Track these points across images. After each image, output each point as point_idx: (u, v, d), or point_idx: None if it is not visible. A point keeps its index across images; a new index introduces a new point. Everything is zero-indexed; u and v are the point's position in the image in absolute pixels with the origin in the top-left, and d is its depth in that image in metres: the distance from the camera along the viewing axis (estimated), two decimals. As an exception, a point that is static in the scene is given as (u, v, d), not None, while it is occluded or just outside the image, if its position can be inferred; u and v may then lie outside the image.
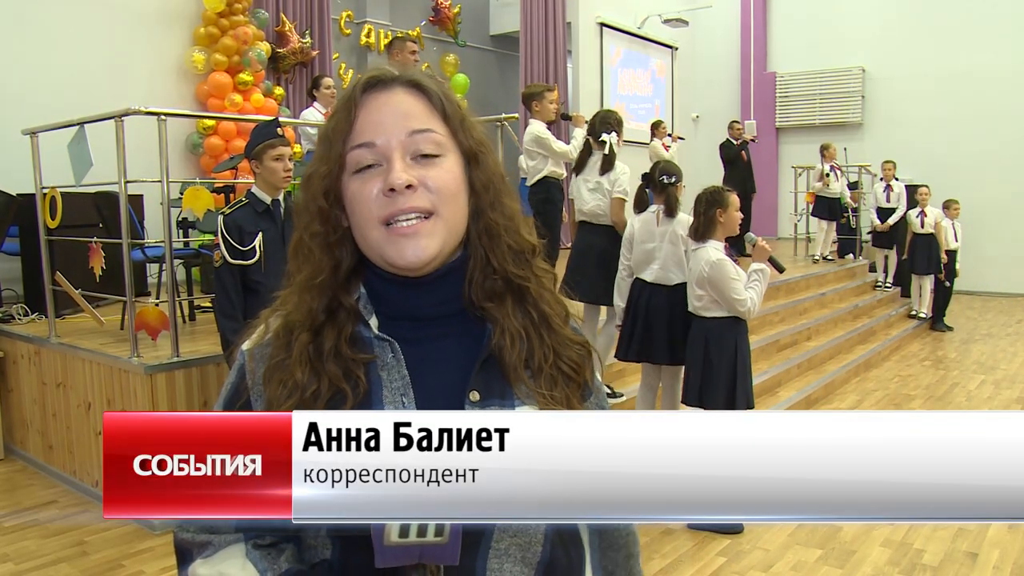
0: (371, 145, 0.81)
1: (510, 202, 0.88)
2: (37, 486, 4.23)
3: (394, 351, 0.83)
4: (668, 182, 3.81)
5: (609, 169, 4.27)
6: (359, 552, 0.77)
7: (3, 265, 5.26)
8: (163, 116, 3.62)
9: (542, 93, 4.89)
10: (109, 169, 3.69)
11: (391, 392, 0.82)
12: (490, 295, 0.86)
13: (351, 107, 0.83)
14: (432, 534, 0.68)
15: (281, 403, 0.80)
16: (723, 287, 3.39)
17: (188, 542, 0.85)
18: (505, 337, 0.84)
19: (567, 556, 0.86)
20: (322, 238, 0.84)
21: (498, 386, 0.83)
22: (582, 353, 0.89)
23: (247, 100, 6.71)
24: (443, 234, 0.82)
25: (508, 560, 0.80)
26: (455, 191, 0.83)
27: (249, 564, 0.81)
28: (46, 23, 5.94)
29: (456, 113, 0.85)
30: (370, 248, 0.82)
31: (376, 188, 0.80)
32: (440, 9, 9.88)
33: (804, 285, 7.59)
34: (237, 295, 3.14)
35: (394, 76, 0.84)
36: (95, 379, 3.91)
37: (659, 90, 11.97)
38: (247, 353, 0.87)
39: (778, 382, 5.67)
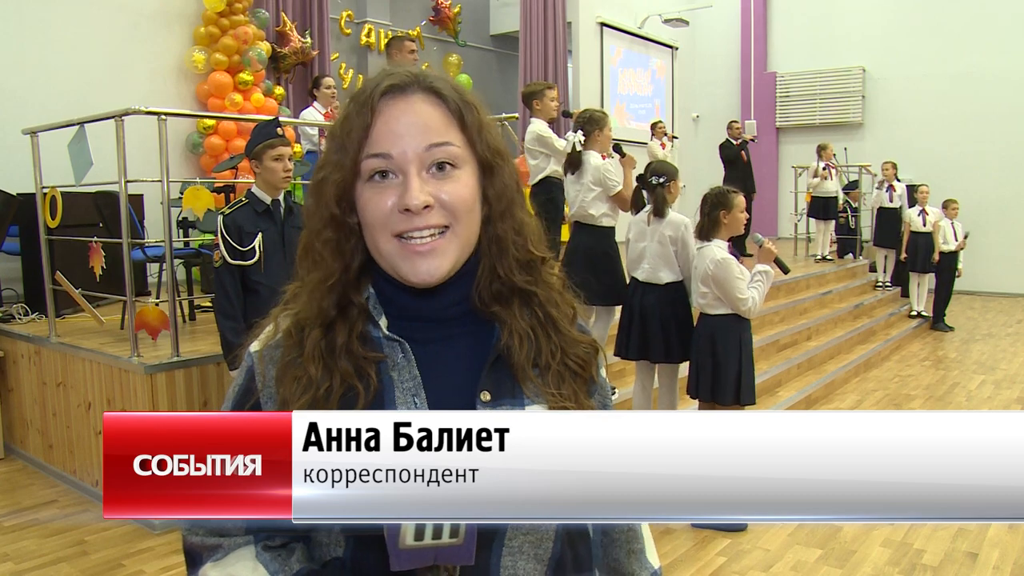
0: (387, 156, 0.80)
1: (521, 213, 0.88)
2: (37, 486, 4.23)
3: (404, 351, 0.83)
4: (657, 182, 3.83)
5: (575, 168, 4.26)
6: (372, 550, 0.77)
7: (3, 265, 5.26)
8: (163, 116, 3.62)
9: (543, 91, 4.88)
10: (109, 169, 3.69)
11: (403, 392, 0.82)
12: (497, 298, 0.86)
13: (367, 112, 0.81)
14: (447, 535, 0.68)
15: (295, 400, 0.80)
16: (727, 285, 3.41)
17: (198, 545, 0.85)
18: (513, 338, 0.84)
19: (576, 552, 0.87)
20: (334, 245, 0.84)
21: (508, 386, 0.84)
22: (589, 351, 0.90)
23: (247, 100, 6.71)
24: (457, 250, 0.82)
25: (522, 557, 0.81)
26: (471, 205, 0.82)
27: (260, 566, 0.81)
28: (46, 23, 5.94)
29: (474, 121, 0.84)
30: (382, 258, 0.82)
31: (391, 202, 0.79)
32: (440, 9, 9.88)
33: (804, 285, 7.59)
34: (237, 295, 3.14)
35: (413, 80, 0.83)
36: (95, 379, 3.91)
37: (659, 90, 11.96)
38: (256, 355, 0.87)
39: (778, 382, 5.67)
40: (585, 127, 4.26)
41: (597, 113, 4.38)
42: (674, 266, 3.79)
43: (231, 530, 0.84)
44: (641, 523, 0.98)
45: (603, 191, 4.20)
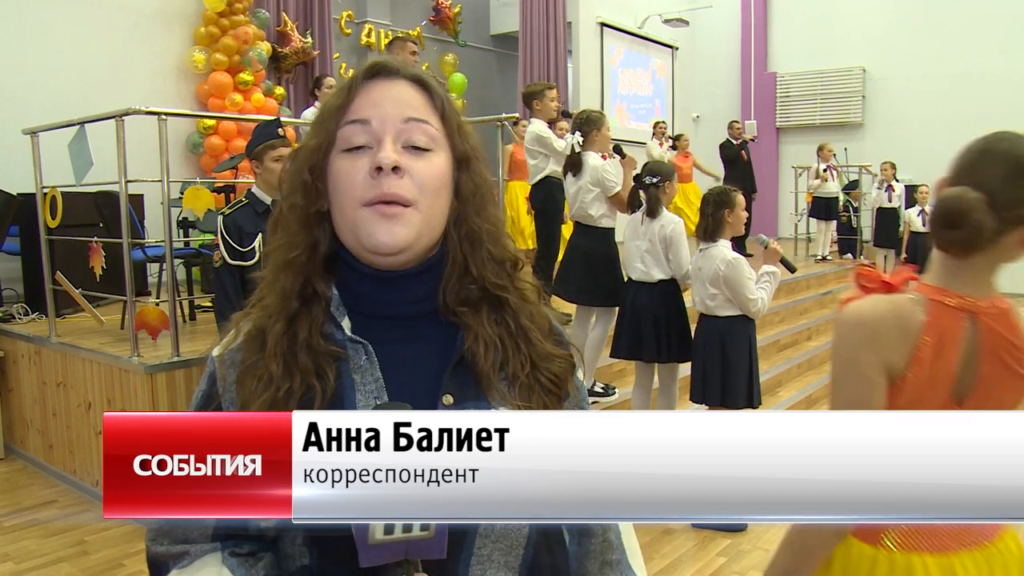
0: (365, 122, 0.80)
1: (494, 210, 0.88)
2: (37, 486, 4.23)
3: (368, 353, 0.82)
4: (650, 182, 3.83)
5: (575, 170, 4.26)
6: (337, 558, 0.76)
7: (3, 265, 5.26)
8: (163, 116, 3.62)
9: (543, 91, 4.89)
10: (109, 169, 3.69)
11: (364, 395, 0.80)
12: (464, 301, 0.85)
13: (351, 89, 0.83)
14: (418, 529, 0.67)
15: (255, 399, 0.79)
16: (738, 286, 3.40)
17: (163, 555, 0.83)
18: (479, 344, 0.83)
19: (552, 557, 0.85)
20: (301, 211, 0.84)
21: (472, 390, 0.83)
22: (564, 366, 0.87)
23: (247, 100, 6.71)
24: (419, 226, 0.81)
25: (491, 566, 0.79)
26: (438, 187, 0.82)
27: (226, 571, 0.80)
28: (46, 23, 5.94)
29: (454, 116, 0.85)
30: (345, 228, 0.81)
31: (363, 169, 0.79)
32: (440, 9, 9.88)
33: (805, 285, 7.59)
34: (237, 296, 3.14)
35: (399, 67, 0.84)
36: (95, 379, 3.91)
37: (659, 90, 11.96)
38: (217, 359, 0.86)
39: (778, 382, 5.67)
40: (582, 128, 4.26)
41: (594, 114, 4.39)
42: (664, 264, 3.80)
43: (196, 538, 0.82)
44: (621, 532, 0.93)
45: (601, 191, 4.21)
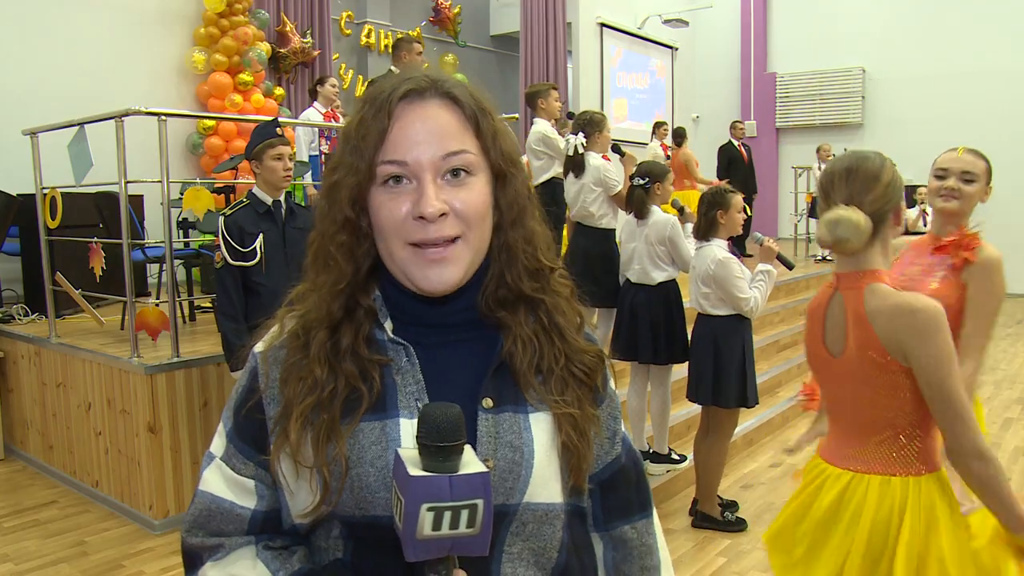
0: (402, 164, 0.79)
1: (532, 223, 0.88)
2: (37, 486, 4.23)
3: (409, 355, 0.83)
4: (639, 184, 3.84)
5: (577, 171, 4.26)
6: (373, 552, 0.77)
7: (3, 265, 5.26)
8: (163, 116, 3.62)
9: (547, 91, 4.90)
10: (109, 169, 3.69)
11: (406, 396, 0.81)
12: (502, 303, 0.86)
13: (384, 117, 0.80)
14: (464, 525, 0.67)
15: (300, 402, 0.80)
16: (728, 285, 3.40)
17: (198, 546, 0.85)
18: (516, 343, 0.84)
19: (580, 562, 0.87)
20: (347, 248, 0.83)
21: (511, 392, 0.84)
22: (594, 360, 0.89)
23: (247, 100, 6.71)
24: (469, 258, 0.81)
25: (521, 564, 0.81)
26: (483, 214, 0.82)
27: (260, 564, 0.81)
28: (47, 24, 5.94)
29: (489, 128, 0.84)
30: (394, 264, 0.81)
31: (405, 208, 0.79)
32: (440, 9, 9.88)
33: (804, 285, 7.59)
34: (238, 296, 3.14)
35: (430, 85, 0.82)
36: (95, 379, 3.90)
37: (659, 90, 11.96)
38: (260, 356, 0.86)
39: (778, 382, 5.67)
40: (585, 129, 4.27)
41: (596, 115, 4.40)
42: (663, 266, 3.79)
43: (231, 531, 0.83)
44: (656, 540, 0.97)
45: (603, 191, 4.21)
